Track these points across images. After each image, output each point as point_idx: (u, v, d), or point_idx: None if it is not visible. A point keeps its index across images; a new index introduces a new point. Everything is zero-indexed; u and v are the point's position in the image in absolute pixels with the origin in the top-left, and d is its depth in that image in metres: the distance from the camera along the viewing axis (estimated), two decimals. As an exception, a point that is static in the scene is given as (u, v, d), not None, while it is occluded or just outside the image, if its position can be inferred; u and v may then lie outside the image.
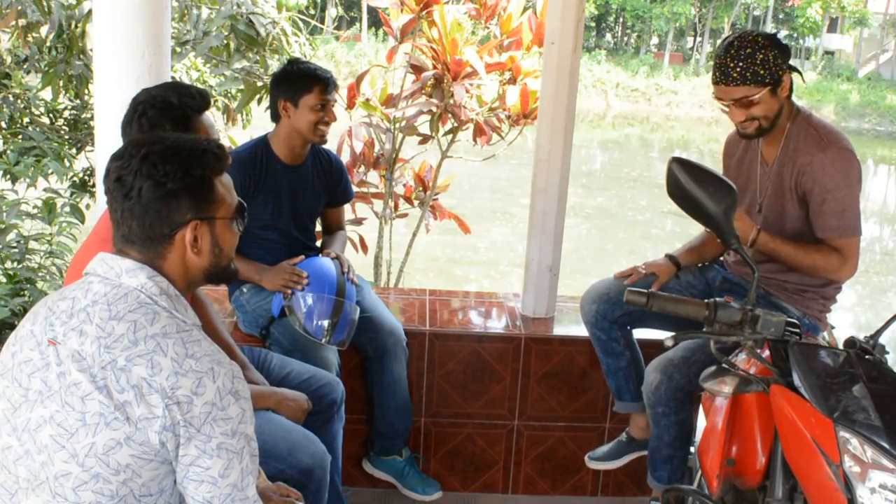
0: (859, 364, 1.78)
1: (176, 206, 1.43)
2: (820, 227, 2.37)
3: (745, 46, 2.27)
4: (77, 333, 1.36)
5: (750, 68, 2.26)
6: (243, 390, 1.40)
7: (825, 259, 2.37)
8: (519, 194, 14.21)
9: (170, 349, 1.34)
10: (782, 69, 2.30)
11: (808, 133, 2.39)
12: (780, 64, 2.29)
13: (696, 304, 1.91)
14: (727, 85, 2.31)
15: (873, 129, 34.38)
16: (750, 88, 2.28)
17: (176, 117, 1.95)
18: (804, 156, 2.37)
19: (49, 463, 1.33)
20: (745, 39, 2.28)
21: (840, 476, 1.58)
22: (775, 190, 2.46)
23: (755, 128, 2.36)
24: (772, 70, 2.28)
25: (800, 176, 2.38)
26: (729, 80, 2.29)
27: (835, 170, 2.33)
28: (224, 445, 1.35)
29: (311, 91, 2.72)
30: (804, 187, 2.38)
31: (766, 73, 2.27)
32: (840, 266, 2.37)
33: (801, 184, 2.38)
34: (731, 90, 2.31)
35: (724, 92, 2.33)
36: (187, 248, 1.46)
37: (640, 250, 12.22)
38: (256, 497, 1.41)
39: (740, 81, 2.28)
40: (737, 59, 2.27)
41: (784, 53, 2.30)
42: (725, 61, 2.29)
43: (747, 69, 2.26)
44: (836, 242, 2.36)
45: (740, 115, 2.34)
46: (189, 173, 1.44)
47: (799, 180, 2.38)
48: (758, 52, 2.26)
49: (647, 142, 28.23)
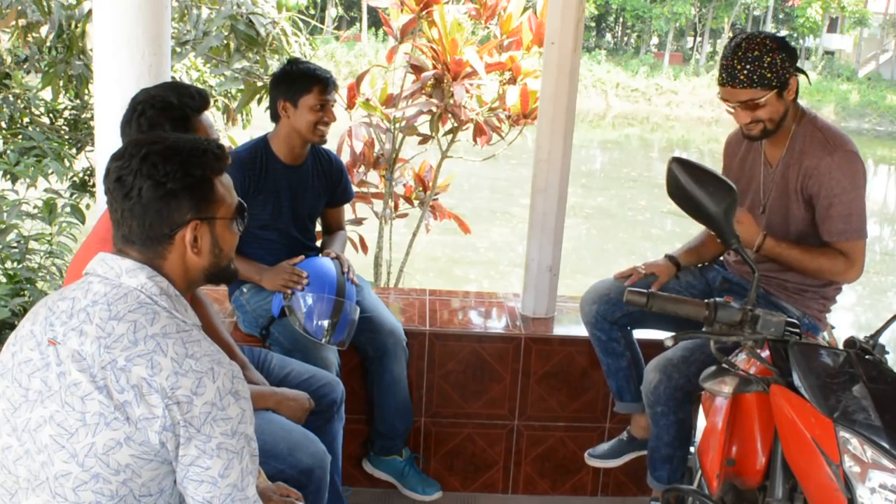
0: (859, 364, 1.78)
1: (176, 206, 1.43)
2: (826, 230, 2.37)
3: (753, 49, 2.26)
4: (77, 333, 1.36)
5: (757, 71, 2.25)
6: (243, 390, 1.40)
7: (831, 262, 2.37)
8: (519, 194, 14.21)
9: (170, 349, 1.34)
10: (789, 72, 2.29)
11: (814, 136, 2.38)
12: (787, 67, 2.28)
13: (696, 304, 1.91)
14: (734, 87, 2.30)
15: (873, 129, 34.37)
16: (756, 91, 2.28)
17: (175, 117, 1.95)
18: (810, 158, 2.36)
19: (49, 463, 1.33)
20: (752, 41, 2.27)
21: (840, 476, 1.58)
22: (780, 192, 2.45)
23: (760, 130, 2.36)
24: (779, 73, 2.27)
25: (806, 179, 2.37)
26: (735, 83, 2.28)
27: (841, 173, 2.32)
28: (224, 445, 1.35)
29: (311, 91, 2.72)
30: (810, 190, 2.37)
31: (773, 76, 2.26)
32: (846, 269, 2.37)
33: (806, 187, 2.38)
34: (737, 92, 2.30)
35: (730, 94, 2.32)
36: (187, 248, 1.46)
37: (641, 250, 12.22)
38: (256, 497, 1.41)
39: (747, 84, 2.27)
40: (744, 62, 2.26)
41: (791, 56, 2.30)
42: (732, 63, 2.28)
43: (754, 72, 2.25)
44: (842, 246, 2.35)
45: (746, 116, 2.34)
46: (189, 173, 1.44)
47: (805, 183, 2.38)
48: (765, 56, 2.25)
49: (647, 142, 28.23)
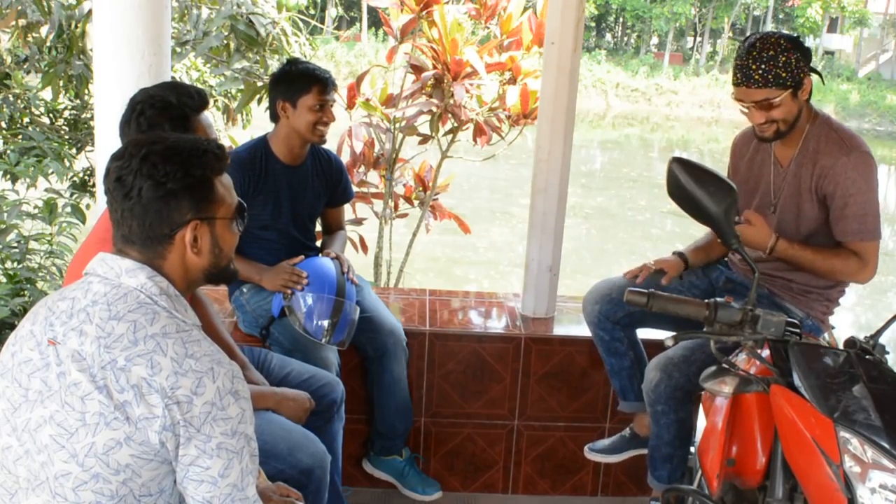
0: (859, 364, 1.78)
1: (176, 206, 1.43)
2: (841, 230, 2.36)
3: (768, 48, 2.25)
4: (77, 333, 1.36)
5: (772, 71, 2.24)
6: (243, 390, 1.40)
7: (844, 263, 2.36)
8: (518, 194, 14.21)
9: (169, 349, 1.34)
10: (804, 72, 2.29)
11: (829, 136, 2.37)
12: (801, 67, 2.27)
13: (697, 304, 1.91)
14: (748, 87, 2.29)
15: (873, 129, 34.37)
16: (771, 91, 2.27)
17: (174, 117, 1.95)
18: (826, 158, 2.35)
19: (49, 463, 1.33)
20: (767, 41, 2.27)
21: (840, 476, 1.57)
22: (791, 191, 2.44)
23: (773, 131, 2.35)
24: (794, 73, 2.26)
25: (821, 178, 2.36)
26: (750, 82, 2.28)
27: (857, 174, 2.31)
28: (224, 445, 1.35)
29: (310, 91, 2.72)
30: (825, 190, 2.36)
31: (787, 75, 2.25)
32: (860, 270, 2.36)
33: (821, 186, 2.37)
34: (752, 92, 2.29)
35: (744, 94, 2.31)
36: (187, 248, 1.46)
37: (641, 250, 12.22)
38: (256, 497, 1.41)
39: (762, 84, 2.26)
40: (759, 61, 2.25)
41: (806, 56, 2.29)
42: (747, 63, 2.27)
43: (769, 71, 2.25)
44: (856, 246, 2.35)
45: (760, 117, 2.33)
46: (189, 173, 1.44)
47: (820, 182, 2.37)
48: (780, 55, 2.24)
49: (647, 142, 28.23)
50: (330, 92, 2.77)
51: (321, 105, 2.73)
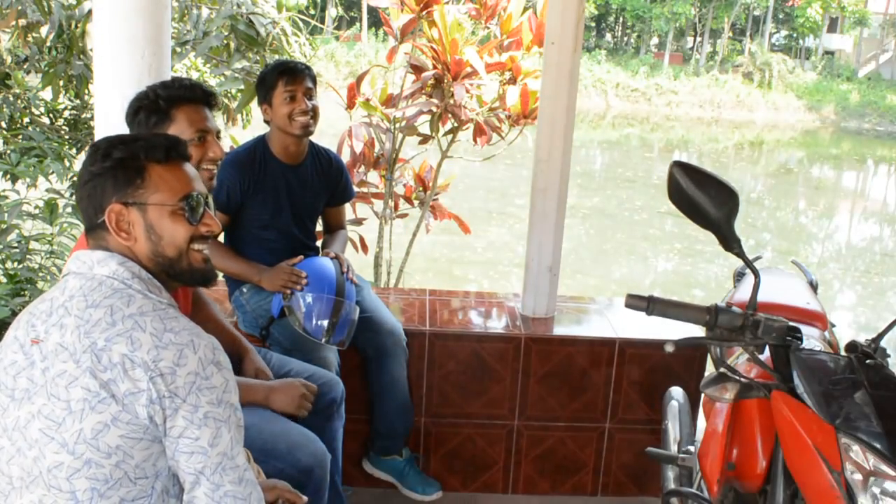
0: (861, 369, 1.77)
1: (102, 190, 1.46)
2: None
3: None
4: (58, 328, 1.38)
5: None
6: (224, 361, 1.42)
7: None
8: (514, 195, 14.21)
9: (147, 325, 1.36)
10: None
11: None
12: None
13: (697, 308, 1.90)
14: None
15: (873, 129, 34.39)
16: None
17: (154, 110, 1.94)
18: None
19: (41, 457, 1.34)
20: None
21: (841, 483, 1.57)
22: None
23: None
24: None
25: None
26: None
27: None
28: (211, 414, 1.36)
29: (276, 86, 2.74)
30: None
31: None
32: None
33: None
34: None
35: None
36: (113, 232, 1.46)
37: (640, 250, 12.22)
38: (246, 465, 1.42)
39: None
40: None
41: None
42: None
43: None
44: None
45: None
46: (110, 156, 1.46)
47: None
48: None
49: (646, 142, 28.22)
50: (298, 81, 2.74)
51: (291, 95, 2.72)
